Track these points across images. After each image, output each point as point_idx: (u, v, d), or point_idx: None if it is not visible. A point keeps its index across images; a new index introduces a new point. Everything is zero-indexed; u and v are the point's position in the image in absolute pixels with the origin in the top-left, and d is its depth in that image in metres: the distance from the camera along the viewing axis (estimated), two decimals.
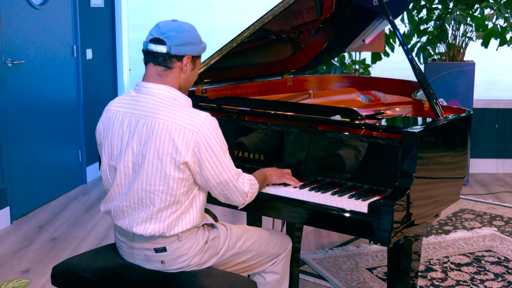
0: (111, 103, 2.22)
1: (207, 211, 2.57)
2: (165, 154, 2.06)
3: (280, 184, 2.42)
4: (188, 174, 2.10)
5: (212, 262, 2.26)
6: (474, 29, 5.07)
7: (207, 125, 2.07)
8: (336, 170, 2.40)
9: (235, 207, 2.32)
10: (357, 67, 5.48)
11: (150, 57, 2.14)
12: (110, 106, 2.21)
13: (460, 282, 3.44)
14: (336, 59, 5.51)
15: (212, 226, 2.29)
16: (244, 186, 2.21)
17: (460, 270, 3.59)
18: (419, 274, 3.51)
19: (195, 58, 2.19)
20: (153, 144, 2.07)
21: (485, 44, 4.87)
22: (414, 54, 5.33)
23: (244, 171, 2.57)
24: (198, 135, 2.05)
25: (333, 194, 2.30)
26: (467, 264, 3.68)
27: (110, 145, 2.18)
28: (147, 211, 2.12)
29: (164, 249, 2.16)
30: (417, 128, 2.23)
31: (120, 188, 2.18)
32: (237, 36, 2.82)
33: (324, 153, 2.44)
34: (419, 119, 2.48)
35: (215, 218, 2.58)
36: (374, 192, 2.30)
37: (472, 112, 2.58)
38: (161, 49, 2.11)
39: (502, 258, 3.77)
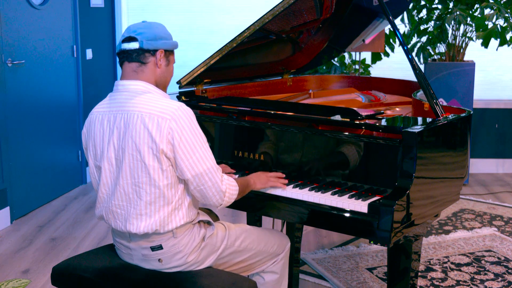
0: (94, 107, 2.25)
1: (208, 211, 2.57)
2: (141, 144, 2.08)
3: None
4: (167, 164, 2.10)
5: (211, 261, 2.26)
6: (474, 29, 5.07)
7: (180, 113, 2.08)
8: (336, 170, 2.40)
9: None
10: (357, 67, 5.48)
11: (124, 56, 2.18)
12: (93, 110, 2.25)
13: (460, 282, 3.44)
14: (336, 59, 5.50)
15: (208, 223, 2.29)
16: (222, 183, 2.16)
17: (460, 270, 3.59)
18: (419, 274, 3.50)
19: (169, 53, 2.22)
20: (130, 137, 2.10)
21: (485, 44, 4.87)
22: (414, 54, 5.33)
23: (243, 171, 2.58)
24: (171, 122, 2.06)
25: (333, 194, 2.30)
26: (467, 264, 3.68)
27: (93, 146, 2.21)
28: (135, 207, 2.13)
29: (160, 247, 2.16)
30: (417, 128, 2.23)
31: (107, 188, 2.19)
32: (237, 36, 2.82)
33: (324, 153, 2.44)
34: (419, 119, 2.48)
35: (216, 217, 2.57)
36: (374, 192, 2.30)
37: (472, 112, 2.58)
38: (134, 45, 2.14)
39: (502, 258, 3.77)
